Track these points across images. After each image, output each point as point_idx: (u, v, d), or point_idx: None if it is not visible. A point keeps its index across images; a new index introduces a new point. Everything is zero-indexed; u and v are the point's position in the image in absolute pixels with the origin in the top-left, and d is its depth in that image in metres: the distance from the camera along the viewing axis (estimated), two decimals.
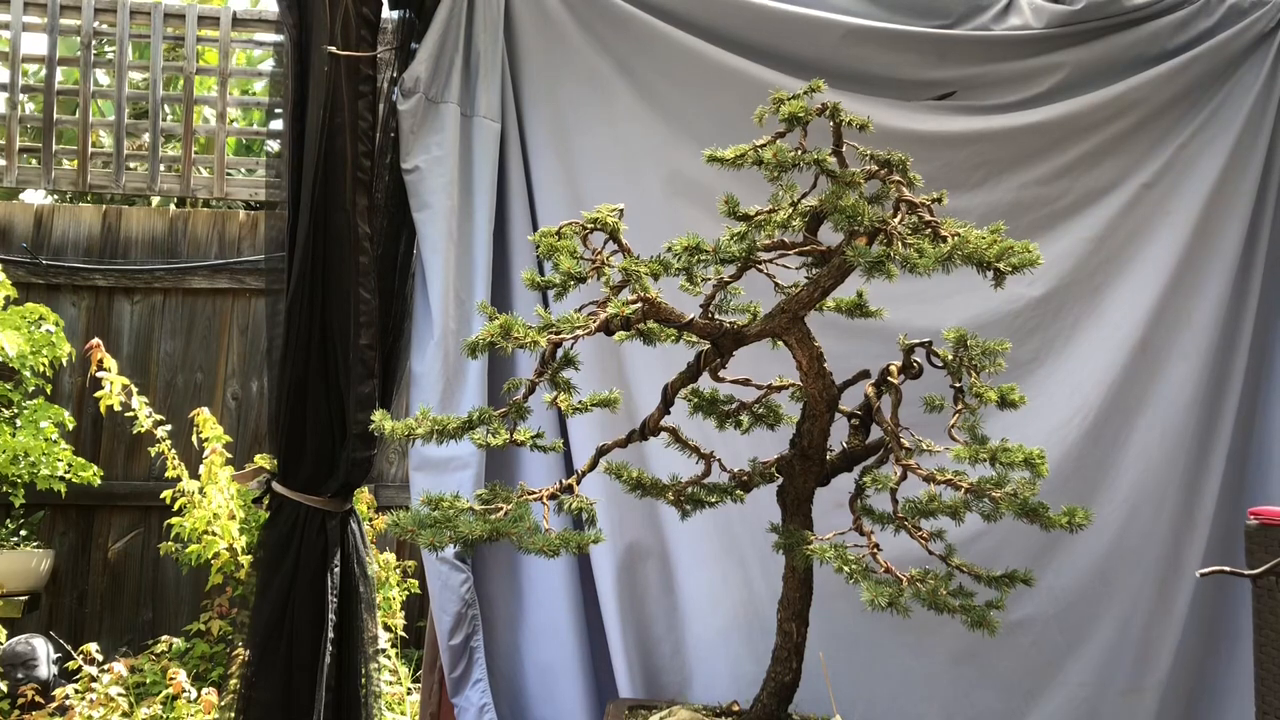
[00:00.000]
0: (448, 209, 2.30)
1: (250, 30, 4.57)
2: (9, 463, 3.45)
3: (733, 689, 2.21)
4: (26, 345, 3.55)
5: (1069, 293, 2.51)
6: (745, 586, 2.39)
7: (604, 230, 1.64)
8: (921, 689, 2.43)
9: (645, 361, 2.31)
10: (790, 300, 1.65)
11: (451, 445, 1.86)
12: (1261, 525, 1.90)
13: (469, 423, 1.61)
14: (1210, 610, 2.52)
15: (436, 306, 2.29)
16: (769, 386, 1.85)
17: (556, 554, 1.53)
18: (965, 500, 1.58)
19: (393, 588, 3.52)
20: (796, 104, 1.60)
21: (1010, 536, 2.23)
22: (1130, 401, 2.51)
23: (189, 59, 4.43)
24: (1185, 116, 2.57)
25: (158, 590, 4.23)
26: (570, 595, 2.36)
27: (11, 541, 3.77)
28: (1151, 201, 2.54)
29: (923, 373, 1.72)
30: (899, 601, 1.46)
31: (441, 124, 2.32)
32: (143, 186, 4.47)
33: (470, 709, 2.30)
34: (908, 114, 2.47)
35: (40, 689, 3.27)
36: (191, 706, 3.06)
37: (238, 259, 4.38)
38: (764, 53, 2.44)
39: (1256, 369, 2.57)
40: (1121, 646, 2.46)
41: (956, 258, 1.53)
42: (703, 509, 1.79)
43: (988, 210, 2.46)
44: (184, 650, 3.53)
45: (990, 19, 2.51)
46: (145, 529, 4.21)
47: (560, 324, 1.58)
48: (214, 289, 4.37)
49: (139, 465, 4.22)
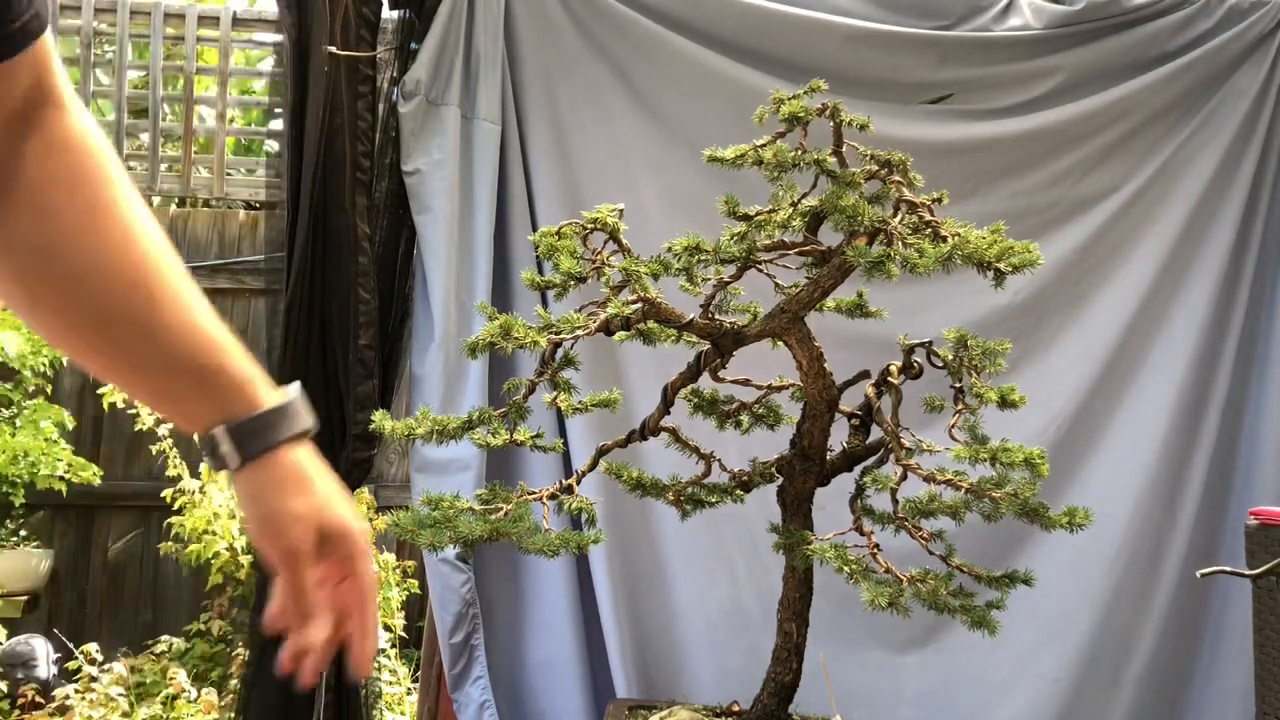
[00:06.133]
0: (448, 212, 2.30)
1: (250, 30, 4.56)
2: (9, 463, 3.45)
3: (719, 683, 2.26)
4: (26, 345, 3.55)
5: (1051, 302, 2.52)
6: (731, 584, 2.43)
7: (604, 230, 1.64)
8: (891, 682, 2.44)
9: (644, 362, 2.31)
10: (790, 300, 1.65)
11: (452, 447, 1.86)
12: (1261, 525, 1.90)
13: (469, 423, 1.61)
14: (1193, 608, 2.53)
15: (437, 309, 2.29)
16: (769, 387, 1.85)
17: (556, 554, 1.53)
18: (965, 500, 1.58)
19: (392, 588, 3.52)
20: (796, 104, 1.61)
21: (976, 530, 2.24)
22: (1109, 405, 2.52)
23: (189, 59, 4.44)
24: (1180, 122, 2.56)
25: (158, 590, 4.23)
26: (569, 592, 2.37)
27: (11, 541, 3.77)
28: (1140, 209, 2.54)
29: (923, 373, 1.72)
30: (899, 602, 1.46)
31: (442, 126, 2.32)
32: (142, 186, 4.47)
33: (470, 705, 2.31)
34: (903, 120, 2.46)
35: (40, 689, 3.27)
36: (191, 706, 3.06)
37: (238, 259, 4.38)
38: (762, 57, 2.44)
39: (1243, 373, 2.57)
40: (1098, 642, 2.47)
41: (957, 258, 1.54)
42: (702, 509, 1.79)
43: (979, 220, 2.45)
44: (184, 650, 3.53)
45: (990, 19, 2.51)
46: (145, 529, 4.21)
47: (560, 324, 1.58)
48: (214, 289, 4.36)
49: (139, 465, 4.22)
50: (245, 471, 0.80)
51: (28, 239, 0.74)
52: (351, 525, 0.85)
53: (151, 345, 0.78)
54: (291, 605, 0.82)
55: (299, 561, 0.81)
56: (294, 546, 0.80)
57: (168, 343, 0.78)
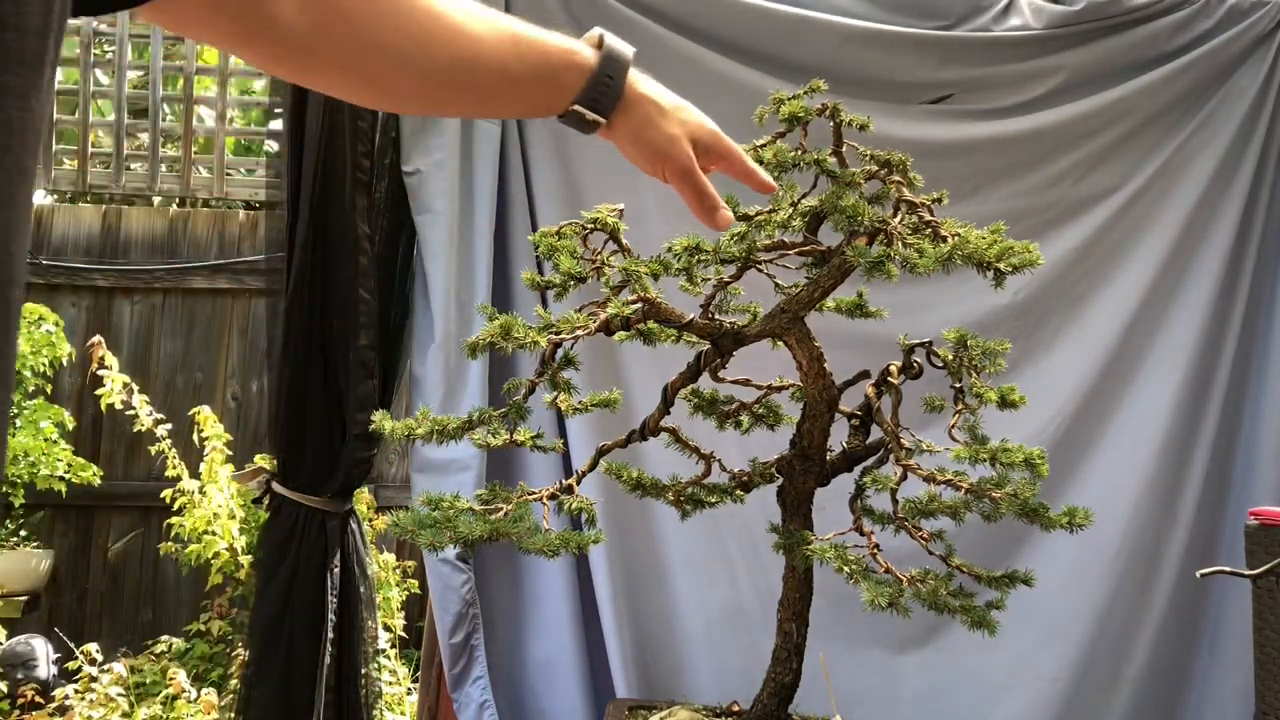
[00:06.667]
0: (448, 213, 2.30)
1: None
2: (9, 463, 3.45)
3: (719, 683, 2.27)
4: (26, 345, 3.56)
5: (1051, 302, 2.52)
6: (731, 584, 2.43)
7: (604, 230, 1.64)
8: (890, 682, 2.45)
9: (644, 362, 2.31)
10: (790, 300, 1.65)
11: (452, 447, 1.86)
12: (1261, 525, 1.90)
13: (469, 423, 1.61)
14: (1193, 608, 2.53)
15: (438, 310, 2.30)
16: (769, 387, 1.85)
17: (556, 554, 1.53)
18: (965, 500, 1.58)
19: (392, 588, 3.52)
20: (796, 104, 1.61)
21: (976, 530, 2.24)
22: (1109, 405, 2.52)
23: (188, 58, 4.43)
24: (1179, 122, 2.56)
25: (158, 590, 4.23)
26: (569, 592, 2.37)
27: (11, 541, 3.77)
28: (1140, 209, 2.54)
29: (923, 373, 1.72)
30: (899, 602, 1.46)
31: (442, 127, 2.32)
32: (143, 186, 4.47)
33: (470, 704, 2.31)
34: (903, 121, 2.46)
35: (40, 689, 3.27)
36: (191, 706, 3.06)
37: (238, 259, 4.38)
38: (762, 57, 2.44)
39: (1243, 373, 2.57)
40: (1097, 642, 2.47)
41: (957, 258, 1.53)
42: (702, 509, 1.79)
43: (979, 220, 2.45)
44: (184, 650, 3.53)
45: (990, 19, 2.51)
46: (145, 529, 4.21)
47: (560, 324, 1.58)
48: (214, 289, 4.36)
49: (139, 465, 4.22)
50: (613, 125, 0.93)
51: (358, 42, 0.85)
52: (711, 125, 1.01)
53: (491, 74, 0.89)
54: (698, 203, 0.98)
55: (691, 171, 0.96)
56: (683, 162, 0.96)
57: (502, 66, 0.89)
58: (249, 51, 0.86)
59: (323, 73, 0.88)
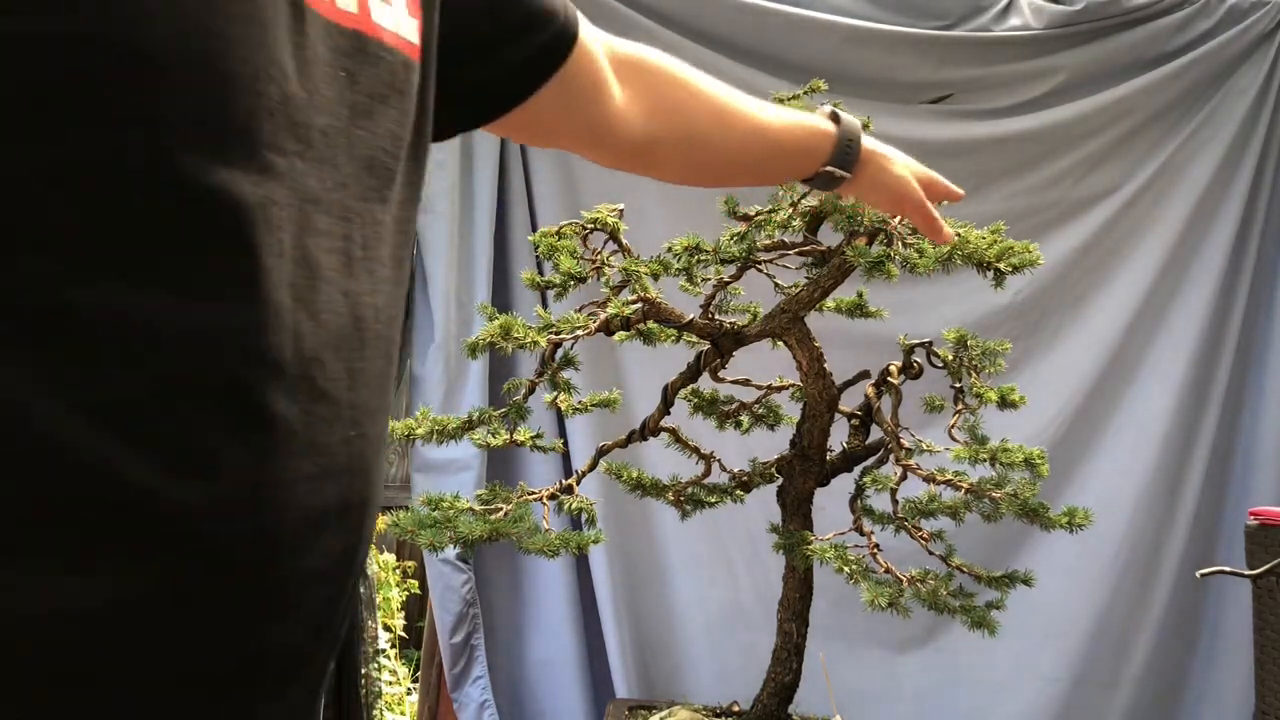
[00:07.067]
0: (449, 213, 2.30)
1: None
2: None
3: (719, 682, 2.27)
4: None
5: (1051, 302, 2.52)
6: (731, 584, 2.43)
7: (604, 230, 1.64)
8: (890, 681, 2.45)
9: (644, 362, 2.31)
10: (790, 300, 1.65)
11: (452, 447, 1.86)
12: (1261, 525, 1.90)
13: (469, 423, 1.61)
14: (1192, 608, 2.53)
15: (438, 310, 2.30)
16: (769, 387, 1.85)
17: (556, 554, 1.53)
18: (965, 500, 1.58)
19: (392, 588, 3.52)
20: (796, 104, 1.60)
21: (976, 530, 2.24)
22: (1109, 405, 2.52)
23: None
24: (1180, 122, 2.56)
25: None
26: (569, 592, 2.38)
27: None
28: (1140, 209, 2.54)
29: (923, 373, 1.72)
30: (899, 602, 1.46)
31: None
32: None
33: (471, 704, 2.31)
34: (903, 121, 2.46)
35: None
36: None
37: None
38: (762, 57, 2.43)
39: (1242, 373, 2.57)
40: (1097, 642, 2.48)
41: (957, 258, 1.54)
42: (702, 509, 1.79)
43: (979, 220, 2.46)
44: None
45: (990, 19, 2.51)
46: None
47: (560, 324, 1.58)
48: None
49: None
50: (856, 178, 1.09)
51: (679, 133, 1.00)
52: (921, 167, 1.18)
53: (761, 150, 1.05)
54: (929, 228, 1.17)
55: (923, 204, 1.14)
56: (916, 198, 1.14)
57: (771, 144, 1.05)
58: (599, 154, 1.01)
59: (662, 163, 1.04)
